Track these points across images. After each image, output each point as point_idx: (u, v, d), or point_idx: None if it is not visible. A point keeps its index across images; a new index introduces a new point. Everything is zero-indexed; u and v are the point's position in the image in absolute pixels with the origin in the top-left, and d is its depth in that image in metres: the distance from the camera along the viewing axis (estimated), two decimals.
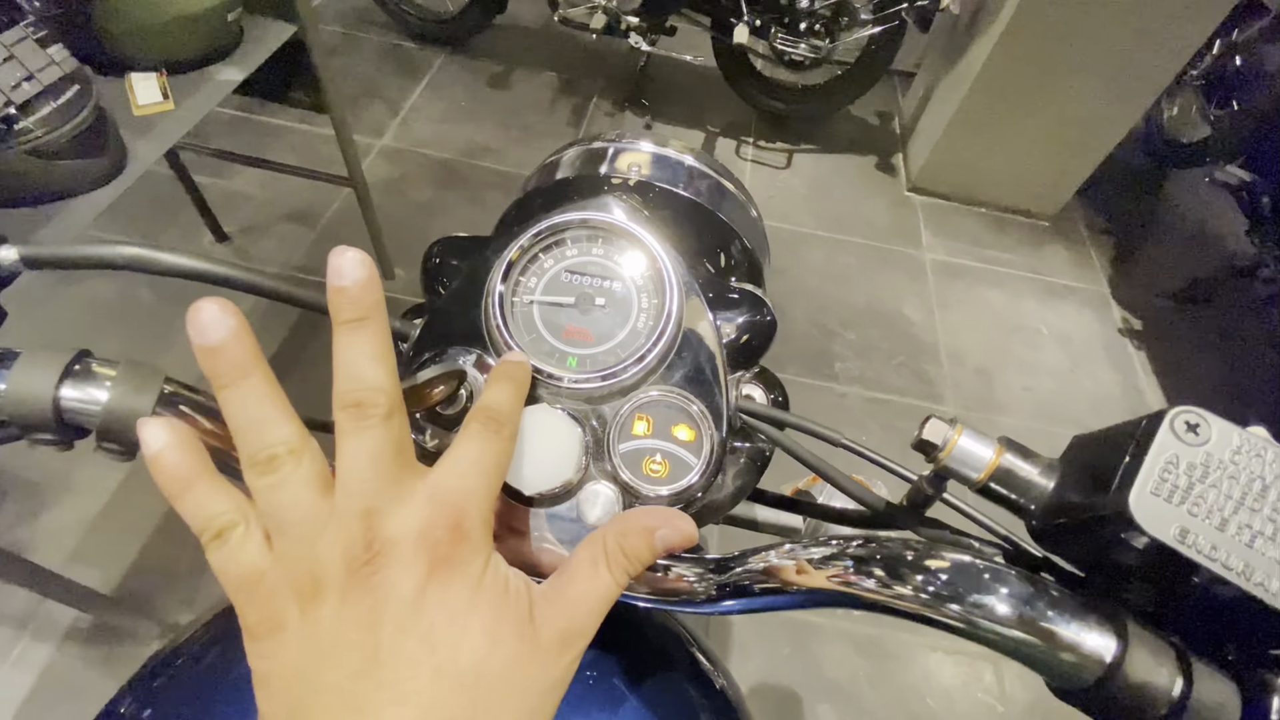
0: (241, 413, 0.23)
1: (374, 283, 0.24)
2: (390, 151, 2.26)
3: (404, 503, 0.23)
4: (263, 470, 0.22)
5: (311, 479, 0.23)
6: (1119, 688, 0.20)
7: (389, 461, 0.23)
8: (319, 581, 0.21)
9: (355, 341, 0.24)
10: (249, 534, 0.22)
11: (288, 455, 0.22)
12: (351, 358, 0.24)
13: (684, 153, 0.46)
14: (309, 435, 0.23)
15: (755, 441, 0.39)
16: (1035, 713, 1.37)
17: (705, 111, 2.61)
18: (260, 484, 0.22)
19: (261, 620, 0.22)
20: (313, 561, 0.22)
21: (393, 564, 0.22)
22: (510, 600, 0.23)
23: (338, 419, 0.23)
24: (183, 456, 0.23)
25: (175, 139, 1.09)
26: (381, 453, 0.23)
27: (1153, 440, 0.20)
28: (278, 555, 0.22)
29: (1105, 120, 2.13)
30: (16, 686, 1.18)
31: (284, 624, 0.22)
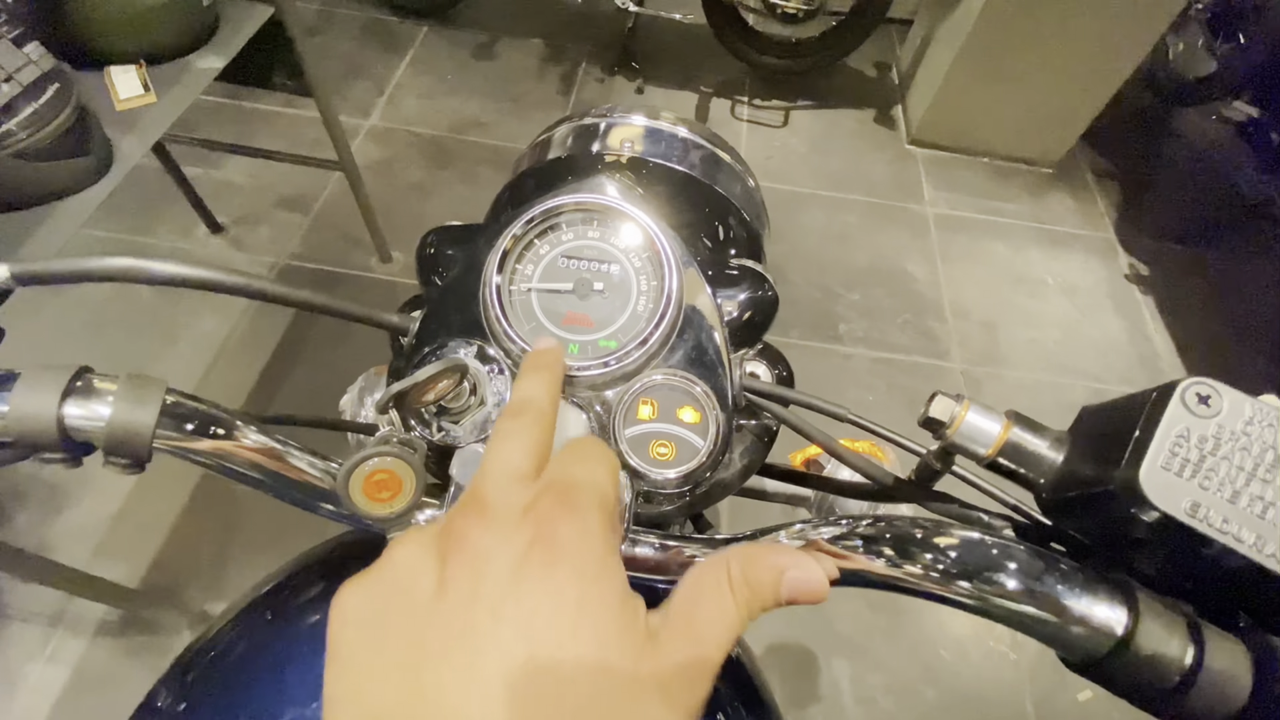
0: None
1: (560, 360, 0.30)
2: (379, 131, 2.22)
3: (525, 483, 0.22)
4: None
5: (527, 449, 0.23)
6: (1131, 659, 0.20)
7: (526, 454, 0.23)
8: (431, 539, 0.20)
9: (534, 378, 0.27)
10: None
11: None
12: (525, 383, 0.27)
13: (677, 124, 0.45)
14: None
15: (762, 418, 0.39)
16: (1047, 659, 1.39)
17: (697, 71, 2.55)
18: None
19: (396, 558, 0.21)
20: (443, 524, 0.21)
21: (494, 533, 0.20)
22: (629, 615, 0.20)
23: (500, 420, 0.25)
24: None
25: (160, 132, 1.07)
26: (526, 437, 0.23)
27: (1163, 413, 0.19)
28: None
29: (1109, 60, 2.07)
30: (53, 681, 1.21)
31: (404, 575, 0.20)
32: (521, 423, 0.24)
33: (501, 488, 0.21)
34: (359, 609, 0.20)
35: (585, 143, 0.43)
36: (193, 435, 0.29)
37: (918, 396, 1.72)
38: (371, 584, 0.20)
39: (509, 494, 0.21)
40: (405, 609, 0.19)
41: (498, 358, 0.34)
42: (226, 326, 1.69)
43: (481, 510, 0.20)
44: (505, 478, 0.22)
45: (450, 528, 0.20)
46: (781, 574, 0.22)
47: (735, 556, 0.22)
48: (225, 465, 0.30)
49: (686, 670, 0.19)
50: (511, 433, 0.24)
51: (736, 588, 0.21)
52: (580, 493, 0.21)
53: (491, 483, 0.22)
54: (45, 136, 0.88)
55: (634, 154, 0.42)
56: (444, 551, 0.20)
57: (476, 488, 0.22)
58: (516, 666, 0.17)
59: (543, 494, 0.21)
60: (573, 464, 0.22)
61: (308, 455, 0.32)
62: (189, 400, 0.30)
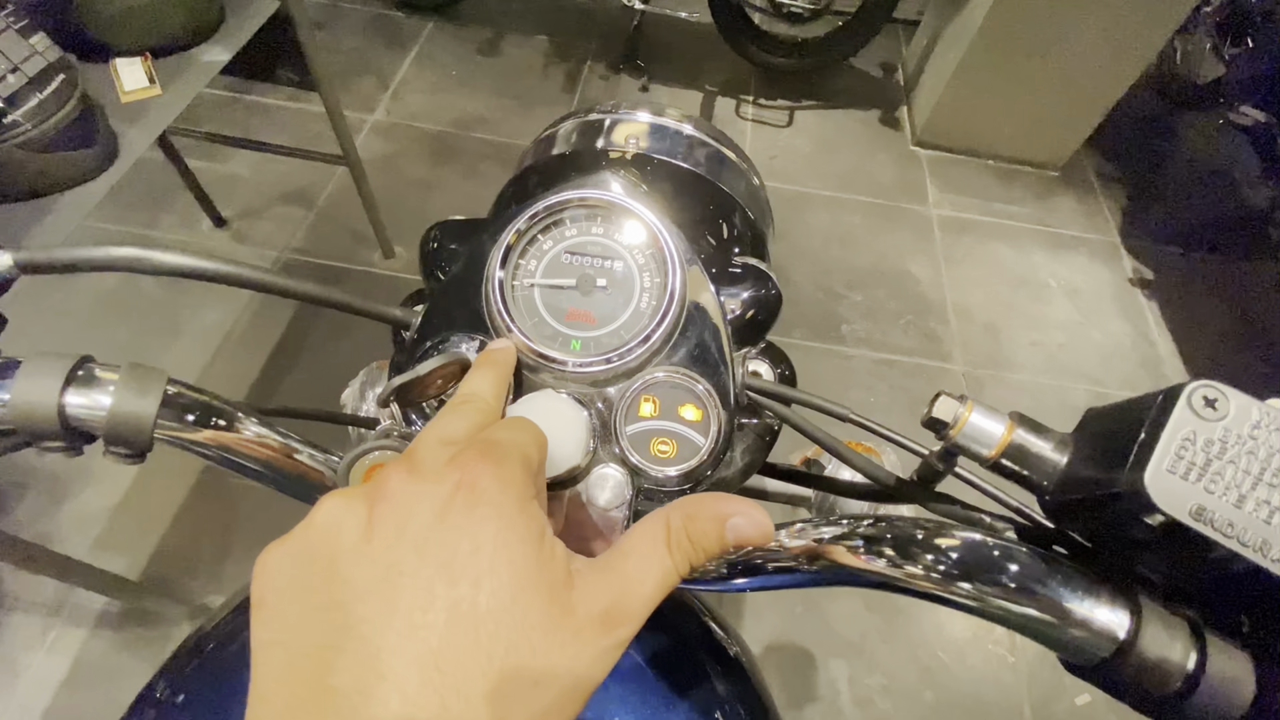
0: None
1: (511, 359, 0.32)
2: (383, 127, 2.22)
3: (453, 443, 0.23)
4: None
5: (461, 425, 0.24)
6: (1133, 663, 0.20)
7: (460, 428, 0.24)
8: (359, 492, 0.21)
9: (483, 373, 0.29)
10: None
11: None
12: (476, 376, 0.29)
13: (682, 121, 0.44)
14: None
15: (763, 417, 0.39)
16: (1046, 662, 1.39)
17: (703, 70, 2.54)
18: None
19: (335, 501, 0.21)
20: (372, 480, 0.22)
21: (419, 483, 0.20)
22: (546, 555, 0.21)
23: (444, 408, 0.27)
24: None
25: (165, 124, 1.07)
26: (459, 419, 0.25)
27: (1169, 416, 0.19)
28: None
29: (1116, 63, 2.06)
30: (54, 671, 1.22)
31: (332, 514, 0.20)
32: (464, 408, 0.26)
33: (430, 448, 0.22)
34: (283, 561, 0.20)
35: (590, 139, 0.43)
36: (193, 426, 0.29)
37: (919, 398, 1.72)
38: (296, 539, 0.20)
39: (437, 452, 0.22)
40: (330, 555, 0.19)
41: None
42: (230, 319, 1.70)
43: (410, 465, 0.21)
44: (436, 442, 0.23)
45: (377, 481, 0.21)
46: (725, 520, 0.22)
47: (676, 508, 0.23)
48: (225, 456, 0.30)
49: (604, 614, 0.20)
50: (452, 411, 0.26)
51: (675, 540, 0.22)
52: (502, 447, 0.22)
53: (423, 445, 0.23)
54: (50, 128, 0.88)
55: (639, 150, 0.42)
56: (371, 500, 0.20)
57: (408, 451, 0.23)
58: (438, 601, 0.18)
59: (467, 448, 0.22)
60: (498, 429, 0.24)
61: (308, 448, 0.32)
62: (190, 391, 0.30)
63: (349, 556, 0.19)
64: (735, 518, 0.22)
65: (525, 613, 0.19)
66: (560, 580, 0.20)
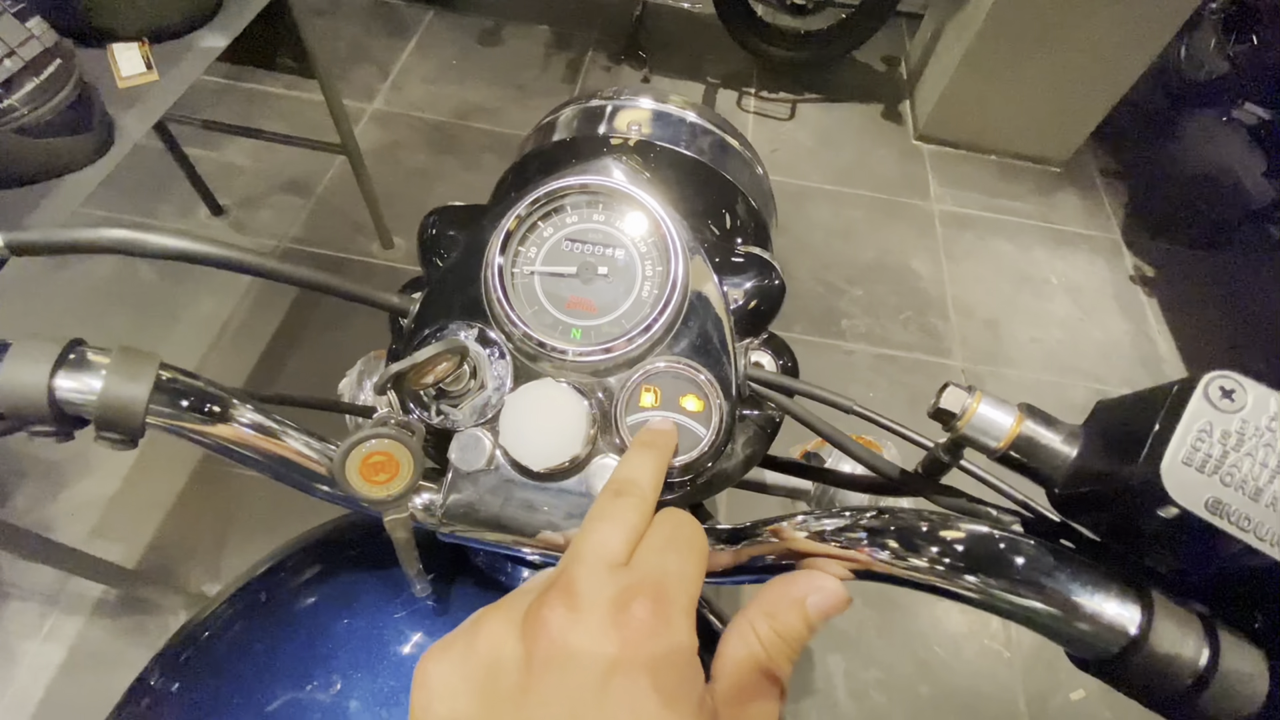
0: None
1: (672, 441, 0.30)
2: (382, 116, 2.20)
3: (615, 570, 0.22)
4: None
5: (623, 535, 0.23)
6: (1144, 658, 0.20)
7: (622, 539, 0.23)
8: (519, 620, 0.20)
9: (642, 455, 0.28)
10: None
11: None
12: (633, 459, 0.27)
13: (686, 108, 0.44)
14: None
15: (765, 409, 0.39)
16: (1042, 658, 1.40)
17: (705, 62, 2.53)
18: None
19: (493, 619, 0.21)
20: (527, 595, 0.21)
21: (581, 631, 0.19)
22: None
23: (600, 495, 0.25)
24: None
25: (162, 111, 1.06)
26: (623, 520, 0.23)
27: (1185, 407, 0.19)
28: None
29: (1121, 59, 2.05)
30: (51, 658, 1.22)
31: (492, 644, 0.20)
32: (621, 505, 0.24)
33: (593, 577, 0.21)
34: (444, 681, 0.20)
35: (591, 125, 0.42)
36: (187, 412, 0.29)
37: (919, 394, 1.72)
38: (457, 658, 0.20)
39: (600, 585, 0.21)
40: (489, 694, 0.19)
41: (499, 341, 0.34)
42: (227, 308, 1.69)
43: (571, 601, 0.20)
44: (598, 565, 0.21)
45: (538, 613, 0.20)
46: (803, 604, 0.22)
47: (756, 616, 0.22)
48: (219, 443, 0.29)
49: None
50: (609, 515, 0.24)
51: (770, 647, 0.22)
52: (671, 596, 0.21)
53: (584, 569, 0.21)
54: (47, 112, 0.87)
55: (641, 137, 0.41)
56: (531, 639, 0.20)
57: (568, 572, 0.21)
58: None
59: (634, 594, 0.20)
60: (665, 552, 0.22)
61: (304, 436, 0.31)
62: (183, 376, 0.29)
63: (507, 703, 0.19)
64: (810, 596, 0.22)
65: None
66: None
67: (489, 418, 0.32)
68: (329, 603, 0.39)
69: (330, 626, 0.38)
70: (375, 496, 0.29)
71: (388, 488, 0.29)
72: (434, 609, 0.39)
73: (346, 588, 0.40)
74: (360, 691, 0.36)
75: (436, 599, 0.39)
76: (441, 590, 0.39)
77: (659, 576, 0.21)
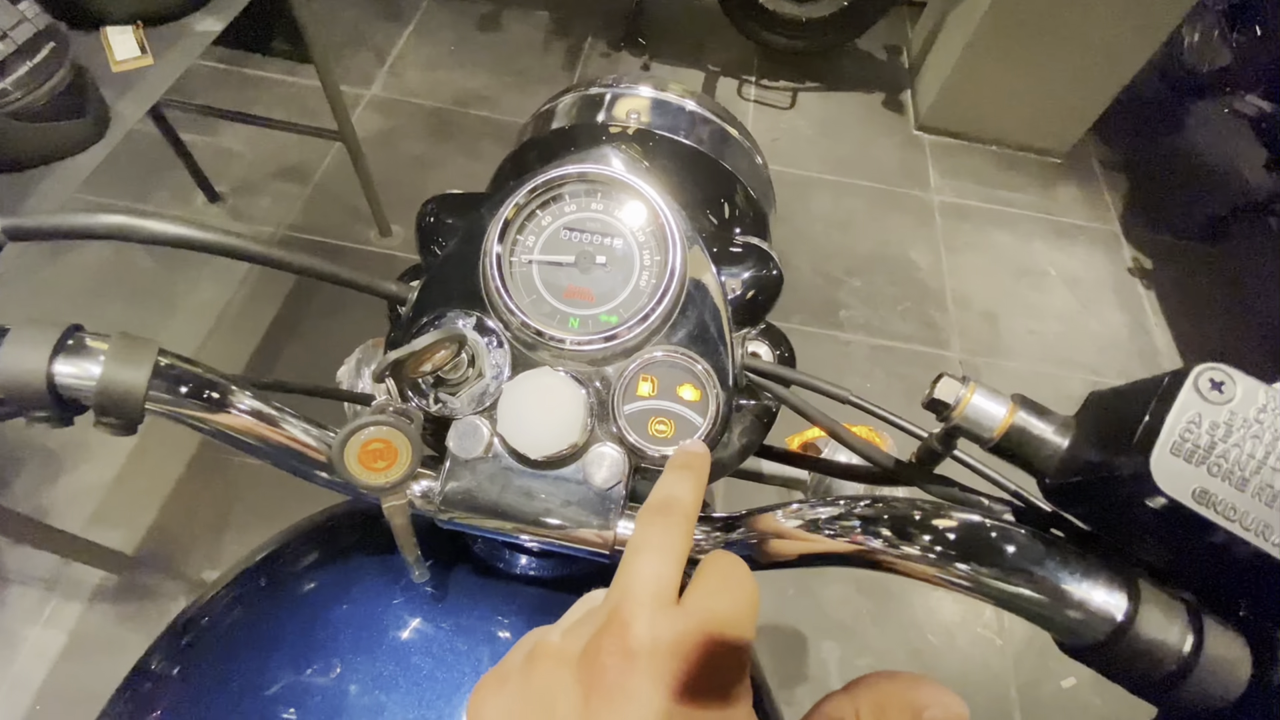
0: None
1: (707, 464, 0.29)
2: (380, 102, 2.19)
3: (669, 611, 0.21)
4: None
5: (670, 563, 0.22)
6: (1130, 645, 0.20)
7: (673, 562, 0.22)
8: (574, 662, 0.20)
9: (680, 476, 0.27)
10: None
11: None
12: (671, 480, 0.27)
13: (685, 97, 0.44)
14: None
15: (761, 399, 0.39)
16: (1033, 646, 1.41)
17: (705, 49, 2.51)
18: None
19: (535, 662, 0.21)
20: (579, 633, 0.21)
21: (638, 674, 0.19)
22: None
23: (640, 518, 0.25)
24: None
25: (157, 95, 1.05)
26: (669, 549, 0.23)
27: (1175, 399, 0.19)
28: None
29: (1124, 49, 2.04)
30: (51, 645, 1.23)
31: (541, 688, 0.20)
32: (663, 527, 0.24)
33: (646, 615, 0.21)
34: (500, 715, 0.20)
35: (590, 113, 0.42)
36: (186, 398, 0.29)
37: (916, 385, 1.72)
38: (512, 694, 0.20)
39: (654, 624, 0.20)
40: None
41: (497, 330, 0.34)
42: (224, 296, 1.68)
43: (626, 642, 0.20)
44: (650, 601, 0.21)
45: (596, 656, 0.20)
46: (919, 714, 0.21)
47: (865, 701, 0.21)
48: (219, 430, 0.29)
49: None
50: (654, 543, 0.23)
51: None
52: (725, 639, 0.21)
53: (636, 606, 0.21)
54: (40, 97, 0.86)
55: (640, 125, 0.41)
56: (588, 682, 0.20)
57: (621, 610, 0.21)
58: None
59: (688, 638, 0.20)
60: (718, 595, 0.22)
61: (303, 422, 0.32)
62: (182, 362, 0.29)
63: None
64: (930, 710, 0.20)
65: None
66: None
67: (487, 406, 0.33)
68: (328, 588, 0.40)
69: (329, 611, 0.38)
70: (373, 483, 0.30)
71: (386, 475, 0.30)
72: (433, 594, 0.39)
73: (345, 573, 0.40)
74: (360, 676, 0.37)
75: (435, 584, 0.39)
76: (440, 576, 0.40)
77: (713, 623, 0.21)
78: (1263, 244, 2.24)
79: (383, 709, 0.36)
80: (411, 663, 0.37)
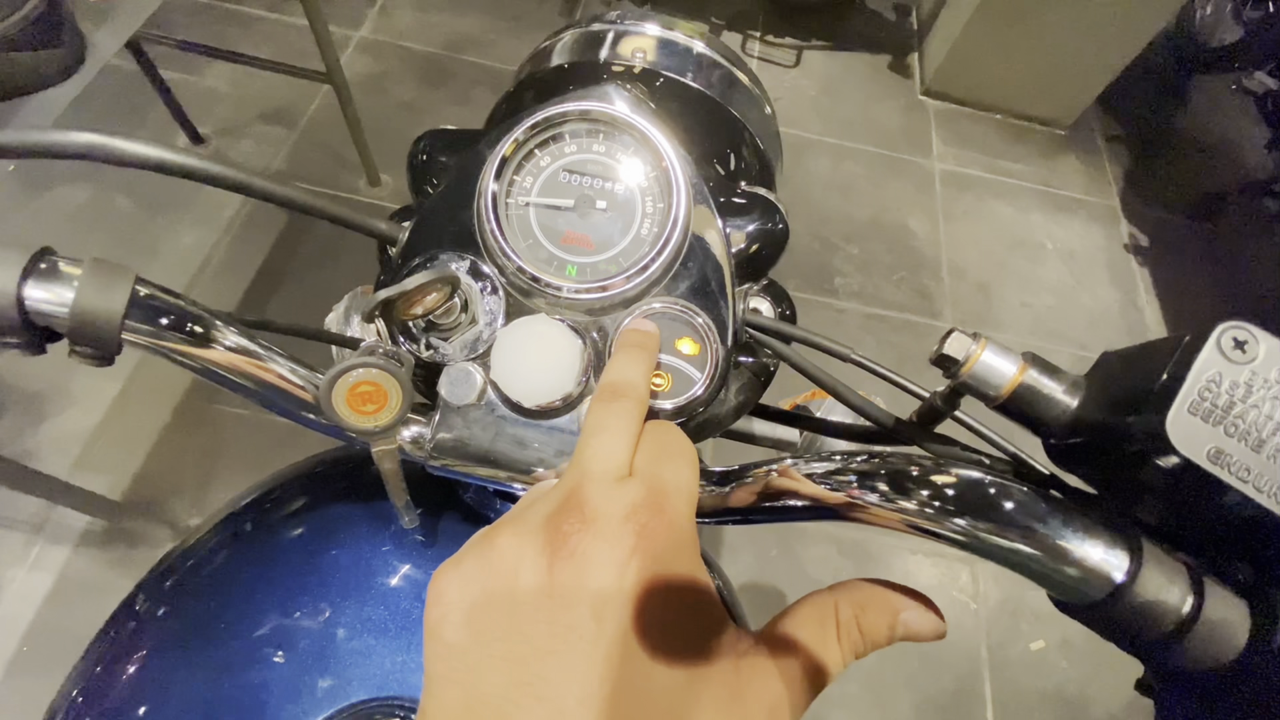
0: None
1: (657, 342, 0.31)
2: (369, 44, 2.10)
3: (623, 482, 0.22)
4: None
5: (623, 444, 0.24)
6: (1129, 604, 0.20)
7: (625, 441, 0.24)
8: (534, 534, 0.21)
9: (632, 356, 0.28)
10: None
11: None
12: (622, 361, 0.28)
13: (693, 37, 0.42)
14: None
15: (760, 356, 0.38)
16: (1006, 608, 1.46)
17: (710, 1, 2.42)
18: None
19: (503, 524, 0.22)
20: (537, 510, 0.22)
21: (597, 539, 0.20)
22: (720, 634, 0.21)
23: (593, 401, 0.26)
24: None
25: (136, 25, 1.00)
26: (621, 430, 0.24)
27: (1196, 357, 0.18)
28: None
29: (1136, 20, 1.99)
30: (37, 587, 1.23)
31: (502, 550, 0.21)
32: (616, 410, 0.25)
33: (602, 491, 0.22)
34: (461, 594, 0.20)
35: (593, 50, 0.40)
36: (167, 330, 0.27)
37: (906, 354, 1.72)
38: (472, 571, 0.21)
39: (609, 499, 0.21)
40: (509, 602, 0.20)
41: (491, 275, 0.33)
42: (208, 242, 1.64)
43: (584, 514, 0.21)
44: (605, 479, 0.22)
45: (555, 528, 0.21)
46: (898, 614, 0.22)
47: (845, 599, 0.22)
48: (203, 365, 0.28)
49: (772, 709, 0.20)
50: (607, 425, 0.24)
51: (845, 632, 0.22)
52: (673, 498, 0.22)
53: (592, 484, 0.22)
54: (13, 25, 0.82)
55: (646, 65, 0.39)
56: (550, 550, 0.20)
57: (577, 487, 0.22)
58: (613, 671, 0.18)
59: (640, 502, 0.21)
60: (662, 462, 0.23)
61: (290, 362, 0.30)
62: (162, 293, 0.28)
63: (529, 610, 0.19)
64: (907, 611, 0.22)
65: (699, 694, 0.19)
66: (732, 664, 0.21)
67: (480, 353, 0.32)
68: (317, 532, 0.39)
69: (318, 555, 0.38)
70: (362, 427, 0.29)
71: (375, 418, 0.29)
72: (422, 541, 0.39)
73: (334, 518, 0.40)
74: (348, 619, 0.37)
75: (424, 531, 0.39)
76: (429, 522, 0.39)
77: (660, 485, 0.22)
78: (1256, 223, 2.24)
79: (370, 652, 0.36)
80: (400, 608, 0.37)
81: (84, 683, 0.37)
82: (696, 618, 0.21)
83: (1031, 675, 1.40)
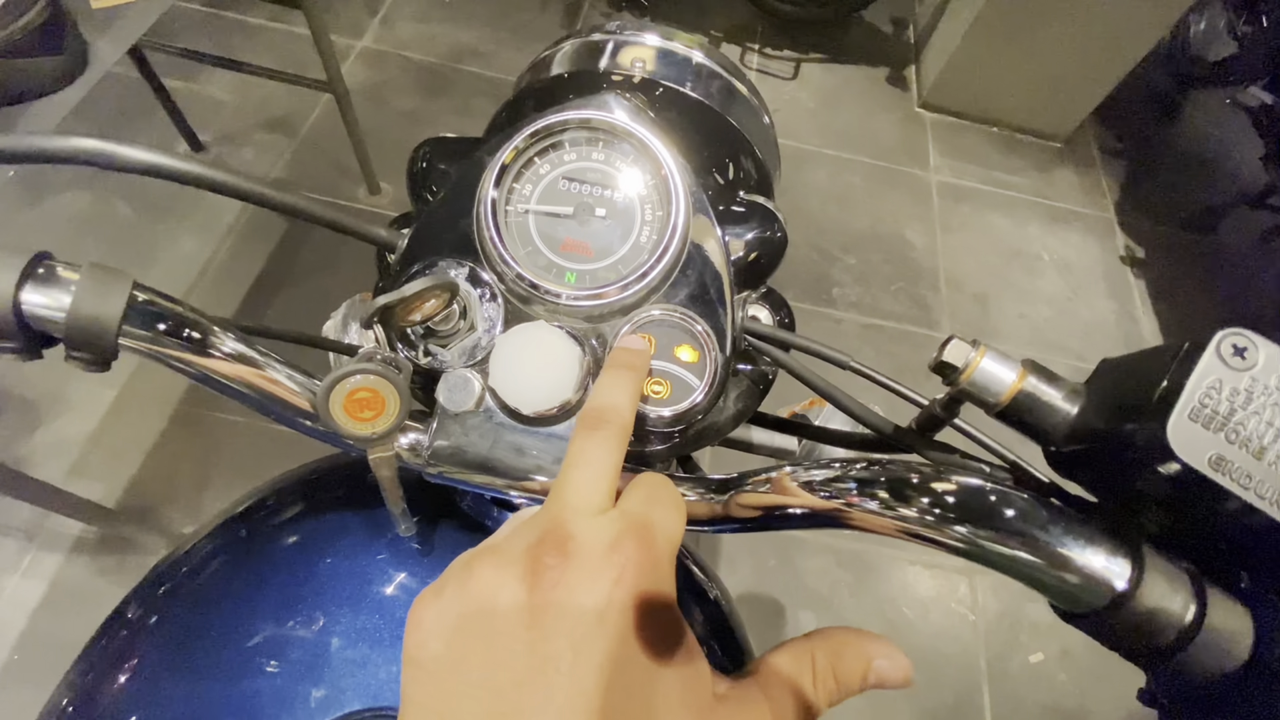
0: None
1: (647, 360, 0.30)
2: (371, 54, 2.12)
3: (606, 515, 0.22)
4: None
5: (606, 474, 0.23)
6: (1131, 613, 0.20)
7: (608, 474, 0.24)
8: (514, 564, 0.21)
9: (619, 380, 0.27)
10: None
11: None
12: (609, 385, 0.27)
13: (693, 47, 0.42)
14: None
15: (759, 364, 0.38)
16: (1004, 621, 1.45)
17: (708, 14, 2.45)
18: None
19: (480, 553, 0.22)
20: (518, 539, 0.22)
21: (579, 571, 0.20)
22: (696, 675, 0.21)
23: (577, 428, 0.25)
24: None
25: (139, 34, 1.01)
26: (604, 462, 0.24)
27: (1195, 364, 0.18)
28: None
29: (1131, 33, 2.01)
30: (29, 595, 1.22)
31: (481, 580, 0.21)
32: (600, 438, 0.24)
33: (584, 523, 0.22)
34: (439, 622, 0.20)
35: (592, 60, 0.40)
36: (164, 335, 0.27)
37: (906, 364, 1.73)
38: (452, 600, 0.21)
39: (592, 531, 0.21)
40: (489, 631, 0.20)
41: (490, 282, 0.33)
42: (208, 249, 1.64)
43: (565, 548, 0.21)
44: (588, 511, 0.22)
45: (536, 559, 0.21)
46: (870, 661, 0.22)
47: (821, 647, 0.23)
48: (200, 371, 0.28)
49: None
50: (590, 455, 0.24)
51: (821, 679, 0.22)
52: (658, 540, 0.22)
53: (574, 516, 0.22)
54: (16, 31, 0.83)
55: (645, 75, 0.39)
56: (531, 580, 0.20)
57: (558, 519, 0.22)
58: (594, 699, 0.18)
59: (625, 536, 0.21)
60: (651, 505, 0.23)
61: (287, 368, 0.30)
62: (160, 298, 0.28)
63: (508, 640, 0.19)
64: (880, 659, 0.22)
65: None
66: (707, 706, 0.21)
67: (478, 360, 0.31)
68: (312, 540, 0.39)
69: (313, 563, 0.38)
70: (360, 434, 0.29)
71: (373, 425, 0.29)
72: (418, 549, 0.39)
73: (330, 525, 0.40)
74: (343, 629, 0.36)
75: (421, 539, 0.39)
76: (426, 530, 0.39)
77: (646, 525, 0.22)
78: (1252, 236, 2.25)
79: (365, 662, 0.35)
80: (396, 617, 0.36)
81: (74, 692, 0.37)
82: (674, 655, 0.21)
83: (1030, 688, 1.39)
